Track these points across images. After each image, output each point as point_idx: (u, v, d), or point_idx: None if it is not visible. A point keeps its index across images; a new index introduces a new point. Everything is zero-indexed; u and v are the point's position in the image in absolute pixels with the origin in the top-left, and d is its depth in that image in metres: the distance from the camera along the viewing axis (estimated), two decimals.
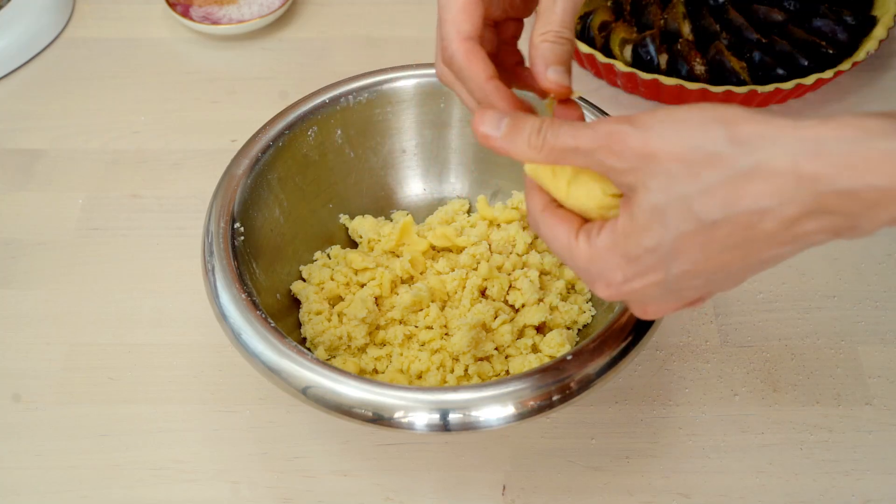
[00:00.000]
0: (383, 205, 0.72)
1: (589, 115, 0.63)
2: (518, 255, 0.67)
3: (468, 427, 0.49)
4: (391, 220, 0.71)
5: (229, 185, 0.61)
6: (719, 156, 0.38)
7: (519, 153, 0.44)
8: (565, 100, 0.48)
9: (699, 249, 0.40)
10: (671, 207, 0.39)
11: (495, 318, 0.63)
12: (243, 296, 0.55)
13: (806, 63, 0.83)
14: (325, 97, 0.67)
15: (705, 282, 0.41)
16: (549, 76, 0.47)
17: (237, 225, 0.60)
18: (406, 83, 0.68)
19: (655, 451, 0.63)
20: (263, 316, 0.54)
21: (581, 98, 0.65)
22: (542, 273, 0.66)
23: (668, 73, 0.83)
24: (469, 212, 0.71)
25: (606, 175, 0.42)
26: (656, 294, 0.42)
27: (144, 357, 0.68)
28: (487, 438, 0.64)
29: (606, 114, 0.64)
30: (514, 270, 0.66)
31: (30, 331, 0.70)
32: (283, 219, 0.65)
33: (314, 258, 0.68)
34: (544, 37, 0.47)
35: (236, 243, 0.59)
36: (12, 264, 0.74)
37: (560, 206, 0.45)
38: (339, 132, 0.68)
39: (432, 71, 0.66)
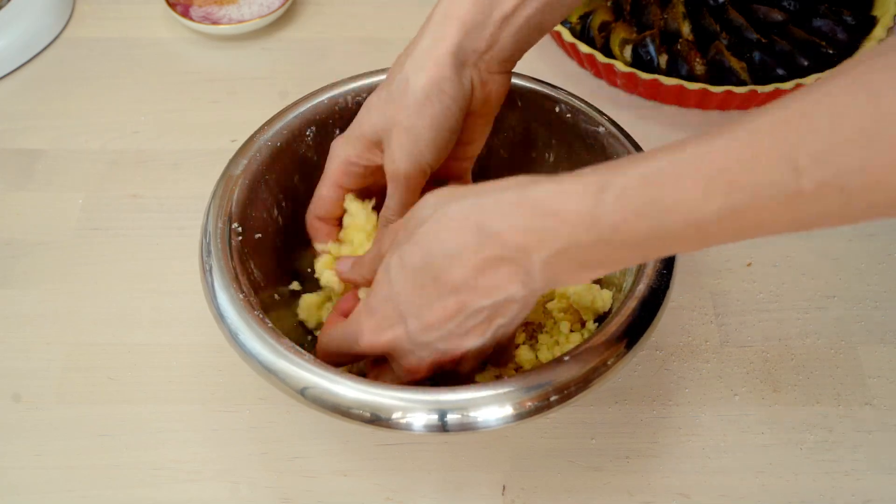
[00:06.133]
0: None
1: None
2: None
3: (466, 428, 0.49)
4: None
5: (227, 185, 0.61)
6: (424, 217, 0.47)
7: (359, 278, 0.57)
8: None
9: (410, 288, 0.48)
10: (392, 263, 0.49)
11: None
12: (241, 296, 0.55)
13: (806, 63, 0.83)
14: (324, 97, 0.67)
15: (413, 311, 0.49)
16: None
17: (235, 225, 0.60)
18: None
19: (655, 451, 0.63)
20: (261, 316, 0.54)
21: (582, 100, 0.65)
22: None
23: (667, 74, 0.83)
24: None
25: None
26: (404, 345, 0.51)
27: (144, 357, 0.68)
28: (487, 438, 0.64)
29: (605, 114, 0.64)
30: None
31: (30, 331, 0.70)
32: (281, 219, 0.65)
33: (314, 259, 0.68)
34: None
35: (234, 243, 0.59)
36: (12, 264, 0.74)
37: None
38: (337, 133, 0.68)
39: None
